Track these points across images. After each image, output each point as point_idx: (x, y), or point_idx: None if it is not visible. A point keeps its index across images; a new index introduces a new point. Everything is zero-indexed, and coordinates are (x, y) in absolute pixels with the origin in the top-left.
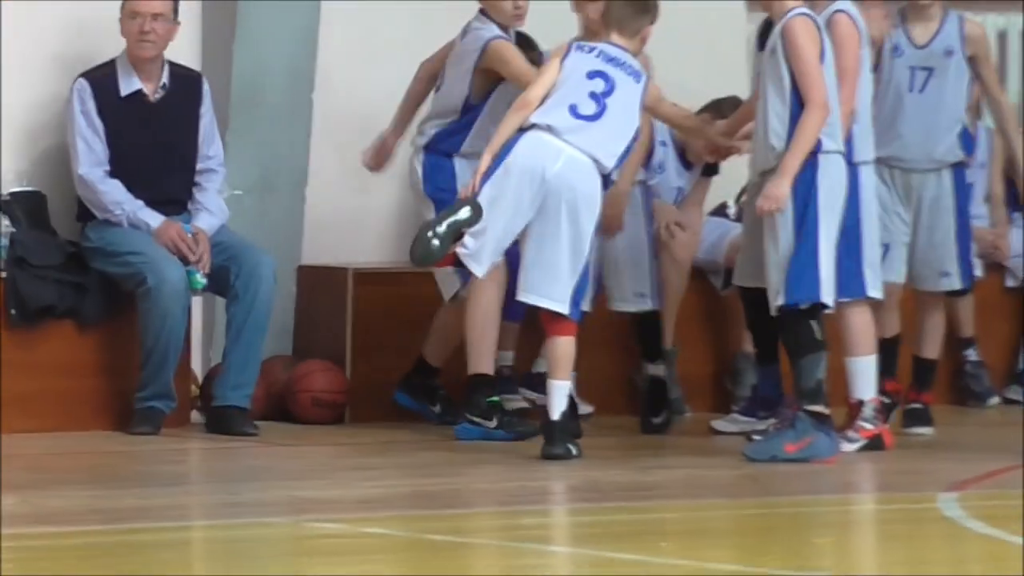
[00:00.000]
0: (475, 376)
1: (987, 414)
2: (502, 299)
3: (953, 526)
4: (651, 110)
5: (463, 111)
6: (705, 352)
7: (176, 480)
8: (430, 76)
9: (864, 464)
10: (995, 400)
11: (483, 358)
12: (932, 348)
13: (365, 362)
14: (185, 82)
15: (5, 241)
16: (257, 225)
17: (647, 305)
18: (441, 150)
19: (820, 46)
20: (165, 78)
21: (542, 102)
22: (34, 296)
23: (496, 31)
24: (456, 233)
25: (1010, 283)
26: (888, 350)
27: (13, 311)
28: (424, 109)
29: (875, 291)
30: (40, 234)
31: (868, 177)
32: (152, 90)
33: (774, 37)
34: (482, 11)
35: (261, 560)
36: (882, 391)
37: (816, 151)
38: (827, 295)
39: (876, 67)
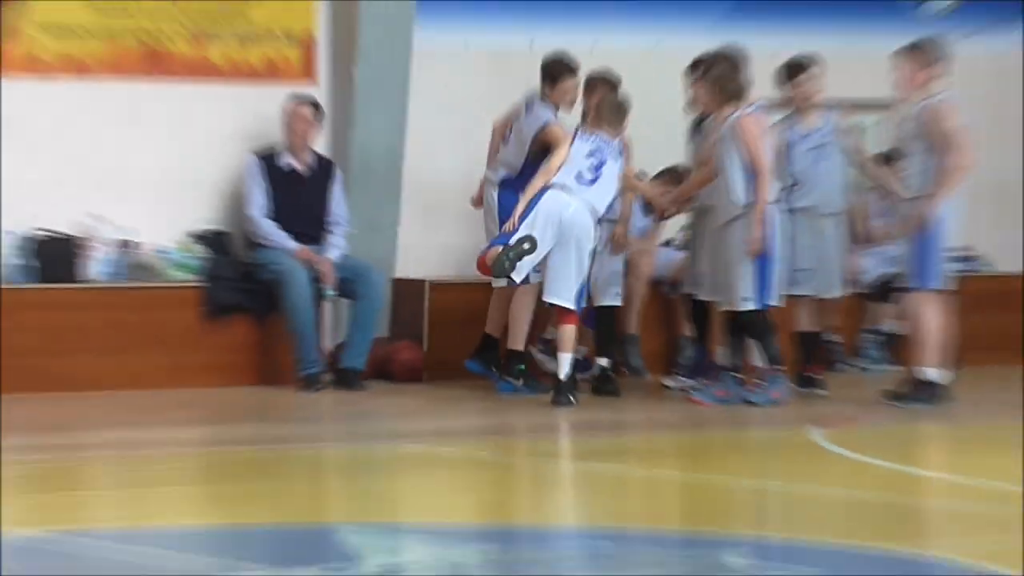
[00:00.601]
0: (511, 351)
1: (843, 377)
2: (533, 305)
3: (818, 448)
4: (624, 180)
5: (521, 169)
6: (658, 335)
7: (314, 418)
8: (500, 133)
9: (771, 409)
10: (846, 367)
11: (518, 339)
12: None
13: (435, 342)
14: (324, 164)
15: (201, 262)
16: (368, 253)
17: (619, 301)
18: (509, 190)
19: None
20: (311, 160)
21: (559, 170)
22: (221, 298)
23: (551, 115)
24: (520, 258)
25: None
26: (808, 339)
27: (206, 308)
28: None
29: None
30: (225, 257)
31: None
32: (303, 168)
33: (726, 129)
34: (543, 95)
35: (372, 470)
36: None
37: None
38: (776, 299)
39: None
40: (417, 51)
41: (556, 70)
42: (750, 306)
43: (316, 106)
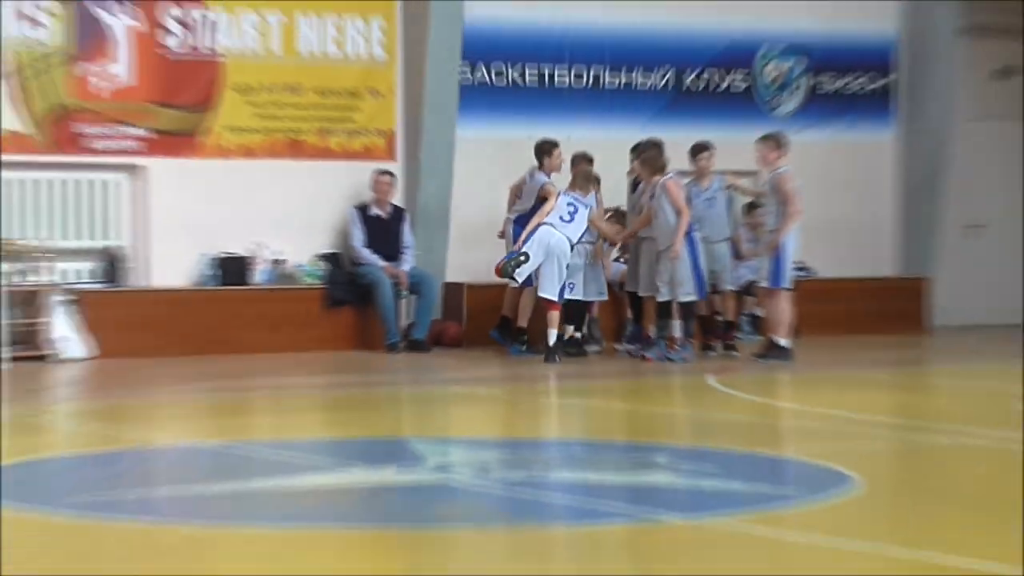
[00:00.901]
0: (519, 327)
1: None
2: (533, 298)
3: (712, 388)
4: (592, 221)
5: (529, 212)
6: (611, 317)
7: (394, 371)
8: (515, 192)
9: (684, 365)
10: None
11: (523, 319)
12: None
13: (471, 322)
14: (399, 211)
15: (323, 273)
16: (427, 266)
17: (603, 298)
18: (519, 225)
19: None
20: (390, 209)
21: (549, 214)
22: (336, 296)
23: (546, 178)
24: (518, 266)
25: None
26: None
27: (328, 302)
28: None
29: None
30: (338, 269)
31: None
32: (384, 214)
33: (657, 189)
34: (540, 166)
35: (431, 403)
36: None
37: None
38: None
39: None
40: (459, 139)
41: (546, 148)
42: (692, 298)
43: (392, 175)
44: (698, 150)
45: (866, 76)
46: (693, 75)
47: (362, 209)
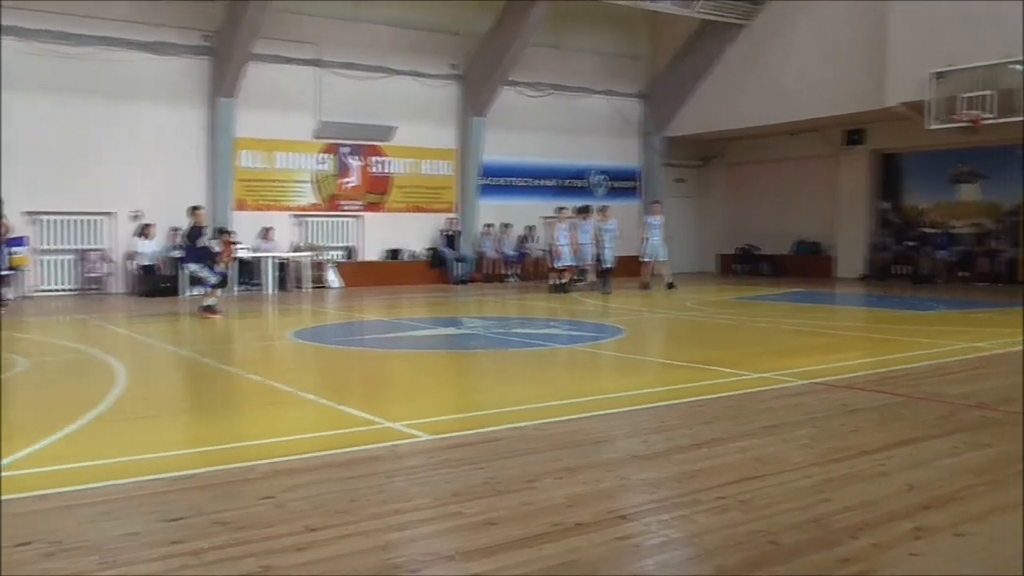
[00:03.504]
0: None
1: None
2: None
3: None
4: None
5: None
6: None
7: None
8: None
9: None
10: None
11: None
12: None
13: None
14: (454, 232)
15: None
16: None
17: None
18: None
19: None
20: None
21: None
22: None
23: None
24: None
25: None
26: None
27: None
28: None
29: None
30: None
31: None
32: (453, 232)
33: (590, 222)
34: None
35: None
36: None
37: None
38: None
39: None
40: (480, 205)
41: (582, 209)
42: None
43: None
44: (584, 209)
45: (628, 181)
46: (566, 180)
47: (444, 232)
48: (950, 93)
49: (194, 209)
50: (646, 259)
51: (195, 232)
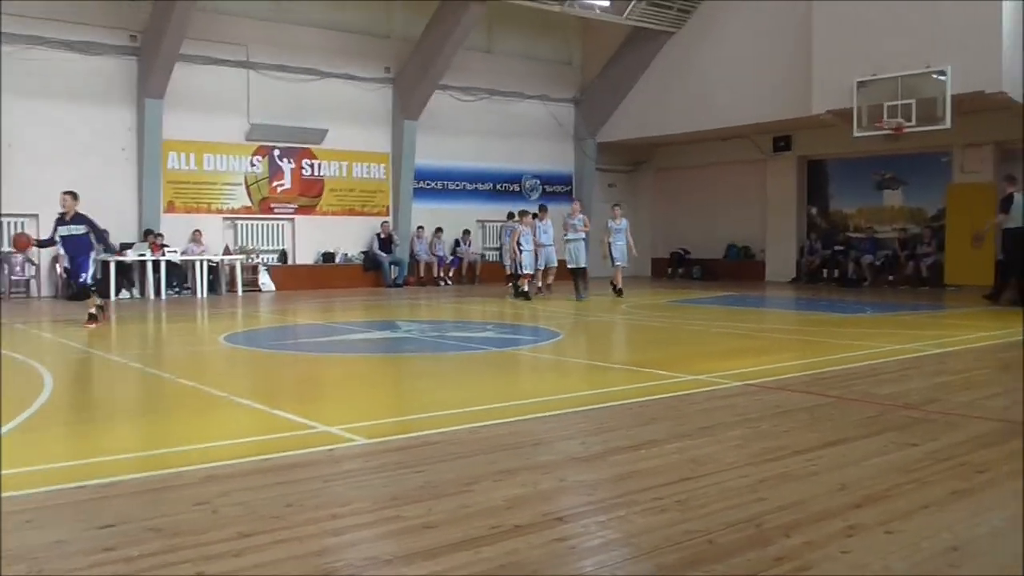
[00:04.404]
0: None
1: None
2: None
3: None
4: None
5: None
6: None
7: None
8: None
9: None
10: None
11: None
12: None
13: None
14: (388, 237)
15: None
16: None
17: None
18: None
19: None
20: (385, 233)
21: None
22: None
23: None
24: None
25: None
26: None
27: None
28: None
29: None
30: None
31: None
32: (386, 236)
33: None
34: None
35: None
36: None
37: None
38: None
39: None
40: (413, 208)
41: (540, 210)
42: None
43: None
44: (542, 209)
45: (562, 185)
46: (500, 184)
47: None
48: (873, 102)
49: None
50: (618, 263)
51: (58, 219)
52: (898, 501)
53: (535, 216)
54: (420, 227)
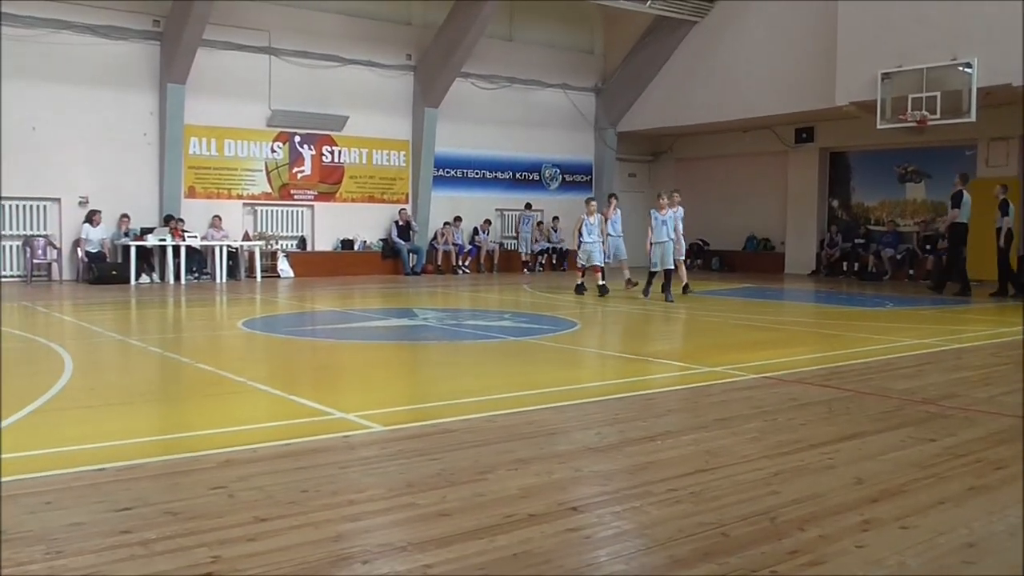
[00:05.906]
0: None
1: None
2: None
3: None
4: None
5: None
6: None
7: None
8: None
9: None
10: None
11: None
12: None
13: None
14: (406, 226)
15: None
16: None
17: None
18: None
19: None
20: (406, 221)
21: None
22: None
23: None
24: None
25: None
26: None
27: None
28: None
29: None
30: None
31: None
32: (403, 223)
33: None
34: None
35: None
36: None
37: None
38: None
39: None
40: (432, 197)
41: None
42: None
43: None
44: (611, 196)
45: (582, 175)
46: (520, 174)
47: (399, 225)
48: (897, 94)
49: None
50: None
51: None
52: (914, 496)
53: (611, 199)
54: (447, 223)
